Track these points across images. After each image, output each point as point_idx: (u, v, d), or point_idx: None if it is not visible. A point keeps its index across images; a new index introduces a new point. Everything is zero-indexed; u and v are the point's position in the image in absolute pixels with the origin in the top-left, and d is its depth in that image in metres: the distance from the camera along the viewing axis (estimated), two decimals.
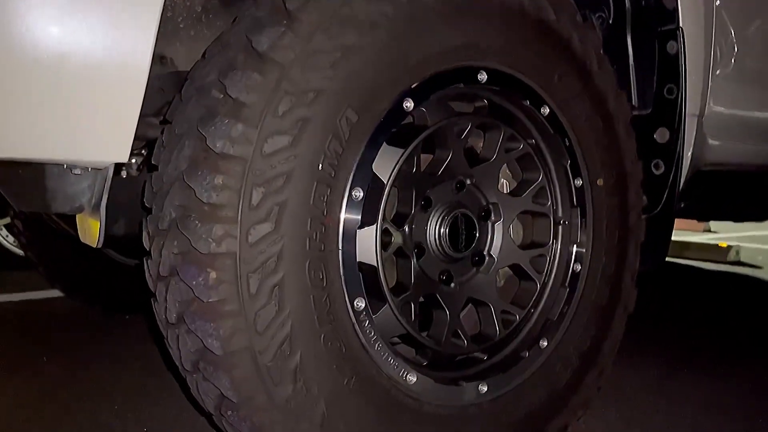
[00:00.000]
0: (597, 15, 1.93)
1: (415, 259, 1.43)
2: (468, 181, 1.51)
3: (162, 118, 1.51)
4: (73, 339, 2.71)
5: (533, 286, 1.60)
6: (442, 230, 1.46)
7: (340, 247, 1.22)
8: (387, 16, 1.23)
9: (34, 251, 2.93)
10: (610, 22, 1.91)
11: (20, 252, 4.12)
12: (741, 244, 5.93)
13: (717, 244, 6.00)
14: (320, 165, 1.17)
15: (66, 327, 2.93)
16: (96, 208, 1.13)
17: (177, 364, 1.27)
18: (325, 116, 1.17)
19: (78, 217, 1.20)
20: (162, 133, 1.26)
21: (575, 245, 1.63)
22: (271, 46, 1.13)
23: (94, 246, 1.17)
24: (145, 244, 1.26)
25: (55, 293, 3.26)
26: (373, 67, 1.22)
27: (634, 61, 1.88)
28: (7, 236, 4.35)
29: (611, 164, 1.66)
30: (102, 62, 1.03)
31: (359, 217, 1.25)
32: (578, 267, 1.62)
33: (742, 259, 5.70)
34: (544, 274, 1.61)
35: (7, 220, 4.20)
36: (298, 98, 1.14)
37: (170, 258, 1.16)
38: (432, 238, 1.46)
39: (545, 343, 1.57)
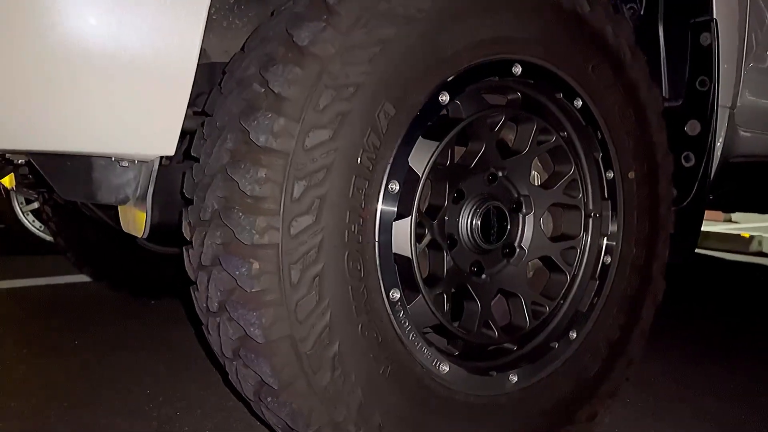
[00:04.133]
0: (628, 6, 1.92)
1: (447, 251, 1.45)
2: (500, 173, 1.52)
3: (196, 109, 1.53)
4: (101, 323, 2.77)
5: (563, 278, 1.61)
6: (474, 222, 1.47)
7: (377, 239, 1.24)
8: (424, 10, 1.24)
9: (63, 237, 2.99)
10: (642, 12, 1.90)
11: (48, 237, 4.21)
12: (763, 235, 5.88)
13: (739, 234, 5.96)
14: (359, 158, 1.19)
15: (94, 311, 2.99)
16: (142, 199, 1.15)
17: (216, 351, 1.30)
18: (364, 110, 1.18)
19: (121, 208, 1.23)
20: (202, 125, 1.29)
21: (605, 237, 1.64)
22: (312, 40, 1.15)
23: (140, 236, 1.19)
24: (186, 234, 1.29)
25: (83, 278, 3.33)
26: (410, 60, 1.24)
27: (665, 52, 1.87)
28: (33, 221, 4.43)
29: (643, 156, 1.66)
30: (150, 57, 1.05)
31: (395, 210, 1.27)
32: (608, 259, 1.63)
33: (765, 249, 5.65)
34: (574, 266, 1.62)
35: (35, 205, 4.28)
36: (338, 92, 1.15)
37: (213, 248, 1.18)
38: (464, 230, 1.47)
39: (574, 335, 1.58)
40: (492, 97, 1.49)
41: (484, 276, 1.51)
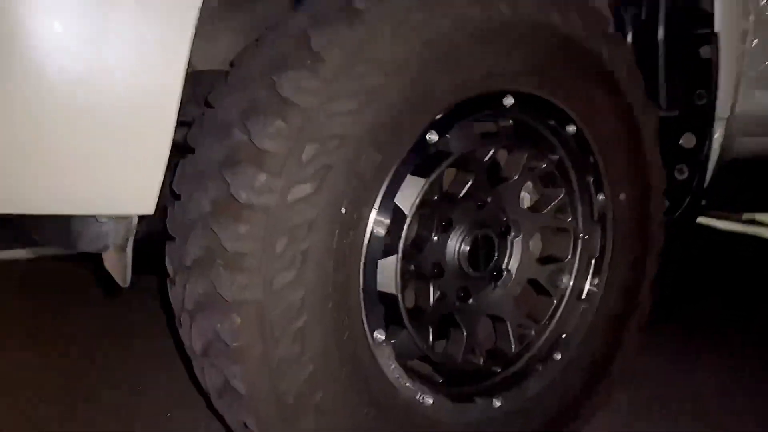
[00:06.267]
0: (630, 10, 1.85)
1: (434, 281, 1.44)
2: (489, 199, 1.50)
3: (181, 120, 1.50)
4: (82, 303, 2.74)
5: (550, 301, 1.62)
6: (462, 251, 1.46)
7: (361, 284, 1.24)
8: (412, 54, 1.20)
9: None
10: (643, 18, 1.84)
11: None
12: None
13: None
14: (343, 209, 1.17)
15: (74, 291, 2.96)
16: (122, 249, 1.14)
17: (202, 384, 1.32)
18: (348, 161, 1.16)
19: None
20: (183, 163, 1.26)
21: (594, 259, 1.63)
22: (295, 90, 1.11)
23: (123, 285, 1.19)
24: (168, 270, 1.28)
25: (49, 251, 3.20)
26: (397, 106, 1.20)
27: (664, 60, 1.82)
28: None
29: (635, 178, 1.64)
30: (127, 116, 1.02)
31: (380, 251, 1.26)
32: (596, 280, 1.63)
33: None
34: (561, 287, 1.63)
35: None
36: (322, 145, 1.13)
37: (195, 296, 1.18)
38: (452, 259, 1.46)
39: (559, 356, 1.60)
40: (483, 125, 1.45)
41: (470, 301, 1.51)
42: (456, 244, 1.46)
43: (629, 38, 1.82)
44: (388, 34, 1.17)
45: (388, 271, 1.31)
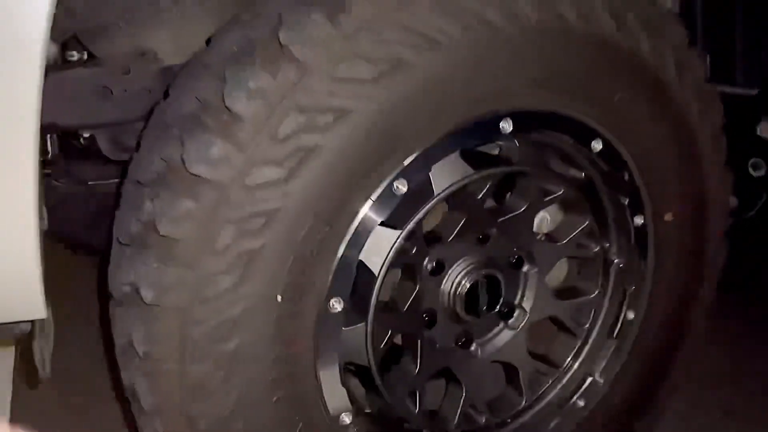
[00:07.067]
0: None
1: (423, 335, 1.22)
2: (493, 232, 1.24)
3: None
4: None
5: (573, 341, 1.37)
6: (458, 294, 1.22)
7: (317, 370, 1.04)
8: (370, 97, 0.92)
9: None
10: None
11: None
12: None
13: None
14: (278, 296, 0.96)
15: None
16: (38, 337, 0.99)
17: None
18: (281, 240, 0.93)
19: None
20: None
21: (630, 289, 1.35)
22: (206, 163, 0.88)
23: (42, 372, 1.05)
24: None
25: None
26: (350, 161, 0.95)
27: (743, 28, 1.41)
28: None
29: (687, 193, 1.31)
30: None
31: (341, 324, 1.05)
32: (631, 314, 1.36)
33: None
34: (588, 325, 1.36)
35: None
36: (242, 225, 0.90)
37: (123, 289, 0.98)
38: (446, 306, 1.23)
39: (582, 403, 1.37)
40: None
41: (473, 348, 1.29)
42: (450, 288, 1.23)
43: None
44: None
45: (357, 341, 1.10)
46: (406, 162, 1.02)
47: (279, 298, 0.96)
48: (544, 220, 1.36)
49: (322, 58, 0.89)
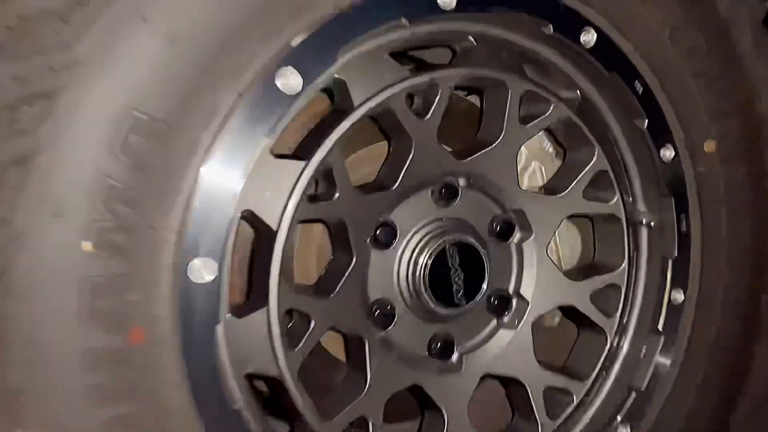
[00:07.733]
0: None
1: (371, 341, 0.83)
2: (461, 182, 0.87)
3: None
4: None
5: (601, 340, 0.95)
6: (419, 277, 0.84)
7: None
8: None
9: None
10: None
11: None
12: None
13: None
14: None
15: None
16: None
17: None
18: None
19: None
20: None
21: (672, 257, 0.95)
22: None
23: None
24: None
25: None
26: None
27: None
28: None
29: (733, 110, 0.94)
30: None
31: (221, 311, 0.68)
32: (679, 296, 0.95)
33: None
34: (619, 314, 0.95)
35: None
36: None
37: None
38: (402, 294, 0.85)
39: (627, 429, 0.94)
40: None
41: (454, 357, 0.89)
42: (409, 269, 0.85)
43: None
44: None
45: (257, 339, 0.72)
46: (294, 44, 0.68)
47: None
48: (536, 172, 0.99)
49: None
